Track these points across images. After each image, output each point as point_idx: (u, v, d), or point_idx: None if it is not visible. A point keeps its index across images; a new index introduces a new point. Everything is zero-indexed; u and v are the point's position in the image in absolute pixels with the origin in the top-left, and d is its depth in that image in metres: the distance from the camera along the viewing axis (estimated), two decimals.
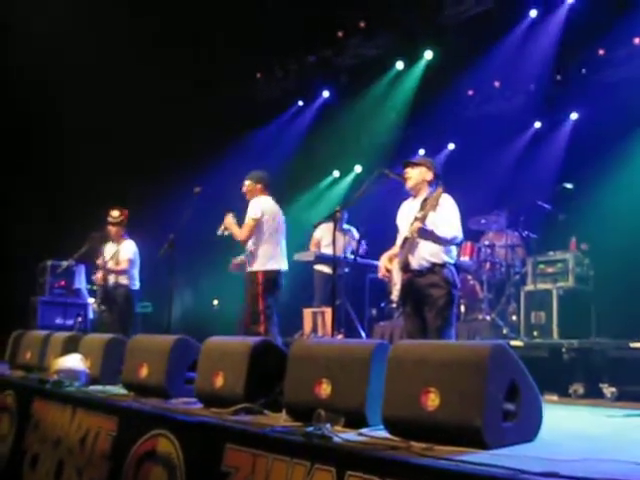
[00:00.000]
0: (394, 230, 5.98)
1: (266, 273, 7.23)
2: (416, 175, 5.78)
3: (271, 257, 7.28)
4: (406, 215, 5.77)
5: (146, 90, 11.70)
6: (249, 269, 7.29)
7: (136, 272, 9.04)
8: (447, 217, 5.56)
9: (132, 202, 9.59)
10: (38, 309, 11.03)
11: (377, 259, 6.05)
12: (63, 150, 12.01)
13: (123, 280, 8.95)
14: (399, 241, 5.77)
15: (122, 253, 8.99)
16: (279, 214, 7.48)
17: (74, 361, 6.35)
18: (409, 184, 5.80)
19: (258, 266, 7.24)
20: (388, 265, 5.70)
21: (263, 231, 7.27)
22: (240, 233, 7.25)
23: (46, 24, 11.07)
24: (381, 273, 5.79)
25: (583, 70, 10.37)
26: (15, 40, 11.16)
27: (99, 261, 9.01)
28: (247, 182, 7.51)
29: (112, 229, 9.06)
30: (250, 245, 7.27)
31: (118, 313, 8.93)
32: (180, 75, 12.04)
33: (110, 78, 11.38)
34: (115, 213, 9.05)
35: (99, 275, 9.02)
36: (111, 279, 8.98)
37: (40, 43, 11.00)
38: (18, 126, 11.88)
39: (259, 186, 7.47)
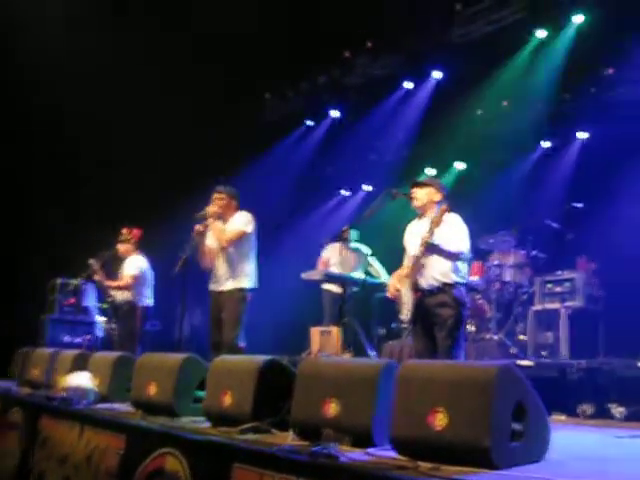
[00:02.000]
0: (402, 249, 6.00)
1: (251, 291, 7.13)
2: (423, 195, 5.80)
3: (254, 275, 7.18)
4: (413, 235, 5.80)
5: (155, 112, 11.76)
6: (233, 286, 7.06)
7: (145, 289, 9.02)
8: (452, 232, 5.58)
9: (145, 221, 9.61)
10: (47, 327, 11.04)
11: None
12: (78, 168, 12.05)
13: (129, 296, 8.95)
14: (406, 261, 5.78)
15: (126, 269, 9.01)
16: None
17: (82, 379, 6.36)
18: (416, 204, 5.82)
19: (246, 283, 7.09)
20: (397, 285, 5.72)
21: (252, 247, 7.17)
22: (225, 237, 7.04)
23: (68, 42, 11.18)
24: (390, 293, 5.80)
25: (592, 89, 10.37)
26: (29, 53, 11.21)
27: (97, 278, 9.04)
28: (223, 195, 7.22)
29: (121, 247, 9.10)
30: (235, 261, 7.08)
31: (124, 330, 8.94)
32: (185, 98, 12.08)
33: (113, 99, 11.41)
34: (124, 231, 9.10)
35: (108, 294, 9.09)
36: (118, 295, 9.00)
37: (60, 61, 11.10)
38: (23, 149, 11.94)
39: (234, 202, 7.29)
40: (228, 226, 7.20)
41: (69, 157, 11.92)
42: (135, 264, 9.03)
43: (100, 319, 11.33)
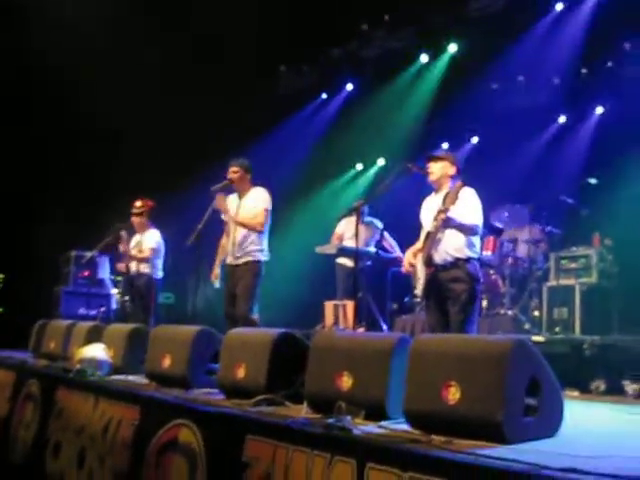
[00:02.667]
0: (418, 224, 5.99)
1: (265, 264, 7.21)
2: (439, 169, 5.78)
3: (267, 248, 7.26)
4: (429, 210, 5.79)
5: (166, 82, 11.74)
6: (248, 259, 7.13)
7: (159, 262, 9.08)
8: (468, 208, 5.58)
9: (159, 193, 9.63)
10: (62, 299, 11.10)
11: (403, 252, 6.05)
12: (94, 139, 12.05)
13: (145, 269, 8.99)
14: (422, 236, 5.78)
15: (145, 242, 9.04)
16: None
17: (97, 350, 6.40)
18: (431, 178, 5.80)
19: (260, 256, 7.16)
20: (412, 260, 5.71)
21: (269, 223, 7.26)
22: (258, 223, 7.13)
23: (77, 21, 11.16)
24: (405, 268, 5.80)
25: (609, 63, 10.28)
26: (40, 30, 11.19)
27: (122, 248, 9.05)
28: (235, 169, 7.26)
29: (135, 219, 9.12)
30: (250, 235, 7.15)
31: (140, 302, 8.98)
32: (200, 67, 12.05)
33: (129, 72, 11.39)
34: (138, 204, 9.12)
35: (122, 264, 9.09)
36: (133, 267, 9.02)
37: (62, 36, 11.07)
38: (42, 123, 11.93)
39: (249, 176, 7.33)
40: (245, 202, 7.26)
41: (85, 129, 11.92)
42: (153, 238, 9.08)
43: (114, 291, 11.39)
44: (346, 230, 9.95)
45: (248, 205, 7.24)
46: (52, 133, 11.98)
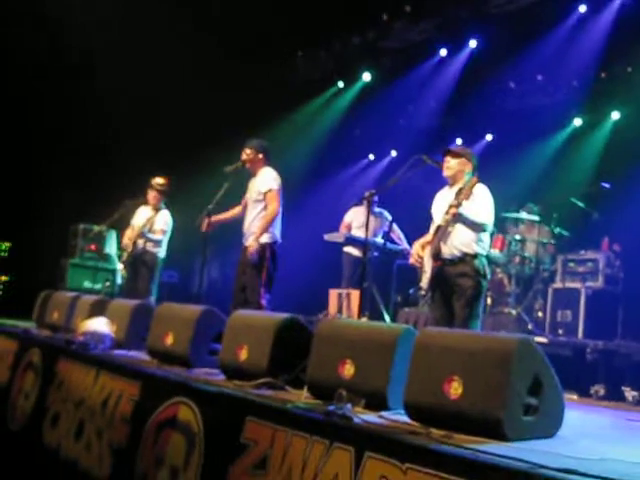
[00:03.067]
0: (427, 217, 5.98)
1: (273, 245, 7.14)
2: (455, 165, 5.77)
3: (277, 229, 7.20)
4: (441, 204, 5.78)
5: (182, 67, 11.74)
6: (257, 241, 7.06)
7: (165, 241, 9.10)
8: (480, 205, 5.58)
9: (173, 172, 9.63)
10: (68, 271, 11.12)
11: (410, 245, 6.03)
12: (110, 118, 12.04)
13: (152, 247, 8.99)
14: (432, 229, 5.77)
15: (157, 223, 9.01)
16: None
17: (100, 324, 6.43)
18: (447, 173, 5.79)
19: (267, 239, 7.10)
20: (420, 252, 5.71)
21: (278, 202, 7.17)
22: (272, 209, 7.07)
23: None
24: (413, 260, 5.79)
25: (629, 69, 10.23)
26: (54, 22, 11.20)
27: (135, 222, 9.06)
28: (248, 150, 7.25)
29: (153, 195, 9.06)
30: (259, 218, 7.14)
31: (142, 278, 8.98)
32: (218, 55, 12.03)
33: (150, 55, 11.37)
34: (161, 180, 9.09)
35: (128, 239, 9.06)
36: (140, 244, 9.00)
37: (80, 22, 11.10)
38: (56, 94, 11.93)
39: (261, 156, 7.27)
40: (254, 182, 7.27)
41: (102, 109, 11.90)
42: (165, 219, 9.09)
43: (120, 267, 11.40)
44: (354, 219, 9.96)
45: (254, 189, 7.24)
46: (65, 105, 11.96)
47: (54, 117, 12.00)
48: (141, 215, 9.14)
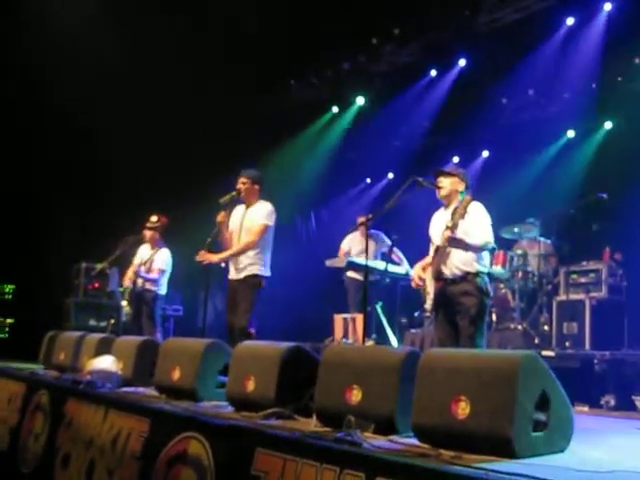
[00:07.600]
0: (426, 239, 5.99)
1: (266, 279, 7.11)
2: (449, 185, 5.79)
3: (268, 264, 7.17)
4: (438, 225, 5.80)
5: (177, 97, 11.79)
6: (249, 273, 7.03)
7: (165, 280, 9.17)
8: (477, 224, 5.58)
9: (172, 206, 9.67)
10: (72, 310, 11.14)
11: (411, 267, 6.04)
12: (109, 154, 12.09)
13: (151, 286, 9.06)
14: (432, 251, 5.78)
15: (156, 262, 9.09)
16: None
17: (107, 362, 6.42)
18: (441, 193, 5.81)
19: (262, 271, 7.06)
20: (422, 274, 5.73)
21: (270, 237, 7.15)
22: (250, 242, 7.03)
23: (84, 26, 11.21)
24: (414, 282, 5.81)
25: (619, 78, 10.29)
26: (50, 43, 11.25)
27: (136, 261, 9.11)
28: (244, 179, 7.17)
29: (148, 233, 9.16)
30: (255, 250, 7.07)
31: (145, 316, 9.03)
32: (207, 82, 12.09)
33: (148, 94, 11.42)
34: (153, 218, 9.17)
35: (128, 276, 9.10)
36: (139, 282, 9.06)
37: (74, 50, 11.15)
38: (56, 133, 11.99)
39: (257, 187, 7.22)
40: (249, 214, 7.21)
41: (99, 145, 11.95)
42: (164, 258, 9.15)
43: (124, 303, 11.41)
44: (352, 246, 10.00)
45: (250, 218, 7.18)
46: (65, 145, 12.02)
47: (53, 159, 12.06)
48: (141, 254, 9.20)
